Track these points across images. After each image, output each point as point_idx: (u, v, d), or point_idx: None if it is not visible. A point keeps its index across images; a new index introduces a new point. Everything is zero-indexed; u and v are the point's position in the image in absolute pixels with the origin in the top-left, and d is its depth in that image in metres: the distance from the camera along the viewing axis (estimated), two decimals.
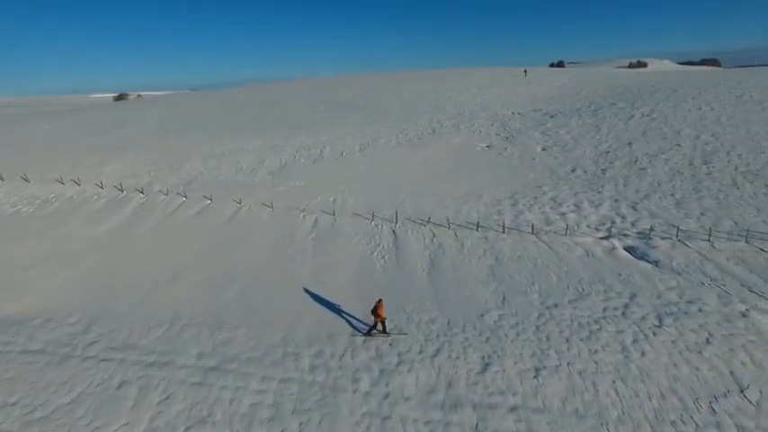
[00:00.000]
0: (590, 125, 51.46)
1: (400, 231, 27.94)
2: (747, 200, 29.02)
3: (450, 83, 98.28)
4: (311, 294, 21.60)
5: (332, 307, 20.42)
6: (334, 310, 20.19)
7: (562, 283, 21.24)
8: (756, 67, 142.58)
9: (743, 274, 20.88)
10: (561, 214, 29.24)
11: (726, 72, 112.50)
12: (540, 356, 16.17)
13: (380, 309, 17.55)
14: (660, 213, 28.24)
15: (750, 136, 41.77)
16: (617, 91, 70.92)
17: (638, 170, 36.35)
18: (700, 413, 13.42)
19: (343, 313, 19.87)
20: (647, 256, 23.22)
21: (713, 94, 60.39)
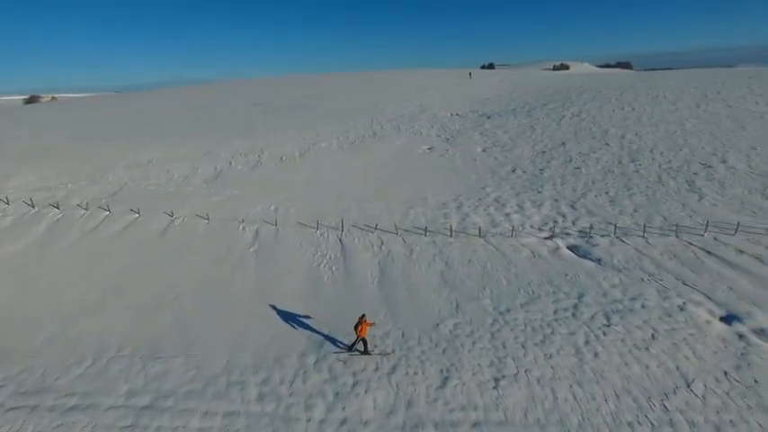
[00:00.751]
0: (525, 125, 53.10)
1: (347, 240, 27.01)
2: (672, 195, 30.81)
3: (387, 84, 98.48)
4: (255, 313, 20.16)
5: (279, 326, 19.13)
6: (281, 329, 18.92)
7: (512, 286, 21.26)
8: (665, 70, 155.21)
9: (676, 268, 21.90)
10: (506, 215, 29.57)
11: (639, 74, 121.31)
12: (497, 365, 15.89)
13: (363, 326, 16.59)
14: (597, 211, 29.29)
15: (668, 134, 44.75)
16: (547, 92, 74.02)
17: (573, 169, 37.72)
18: (653, 412, 13.63)
19: (291, 332, 18.64)
20: (589, 254, 23.85)
21: (632, 95, 64.48)
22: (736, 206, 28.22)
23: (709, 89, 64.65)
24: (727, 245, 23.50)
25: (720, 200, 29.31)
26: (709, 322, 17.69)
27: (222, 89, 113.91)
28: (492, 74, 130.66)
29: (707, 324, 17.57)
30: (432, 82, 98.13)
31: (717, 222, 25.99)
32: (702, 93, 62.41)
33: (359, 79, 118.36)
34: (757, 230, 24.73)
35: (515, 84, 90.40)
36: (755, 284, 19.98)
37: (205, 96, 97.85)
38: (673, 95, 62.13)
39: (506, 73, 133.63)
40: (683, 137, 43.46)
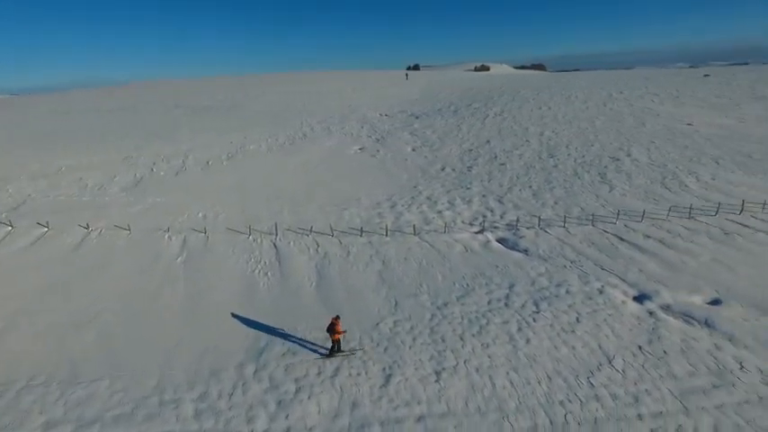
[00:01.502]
0: (452, 125, 54.89)
1: (282, 244, 26.46)
2: (588, 187, 33.28)
3: (315, 85, 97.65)
4: (188, 326, 19.17)
5: (214, 337, 18.33)
6: (216, 340, 18.13)
7: (448, 281, 21.91)
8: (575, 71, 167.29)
9: (594, 254, 23.67)
10: (438, 212, 30.41)
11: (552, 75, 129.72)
12: (438, 359, 16.29)
13: (338, 326, 16.28)
14: (522, 205, 30.95)
15: (581, 131, 48.26)
16: (471, 93, 77.01)
17: (498, 166, 39.55)
18: (581, 389, 14.62)
19: (227, 342, 17.93)
20: (517, 246, 25.14)
21: (548, 95, 68.81)
22: (641, 195, 31.04)
23: (613, 89, 70.52)
24: (636, 231, 25.78)
25: (628, 190, 32.10)
26: (624, 302, 19.30)
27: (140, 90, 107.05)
28: (418, 75, 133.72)
29: (622, 304, 19.15)
30: (360, 83, 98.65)
31: (626, 210, 28.42)
32: (608, 93, 67.94)
33: (287, 80, 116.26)
34: (659, 216, 27.36)
35: (441, 84, 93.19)
36: (661, 266, 22.08)
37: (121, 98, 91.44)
38: (583, 95, 67.06)
39: (432, 74, 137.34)
40: (593, 133, 47.04)
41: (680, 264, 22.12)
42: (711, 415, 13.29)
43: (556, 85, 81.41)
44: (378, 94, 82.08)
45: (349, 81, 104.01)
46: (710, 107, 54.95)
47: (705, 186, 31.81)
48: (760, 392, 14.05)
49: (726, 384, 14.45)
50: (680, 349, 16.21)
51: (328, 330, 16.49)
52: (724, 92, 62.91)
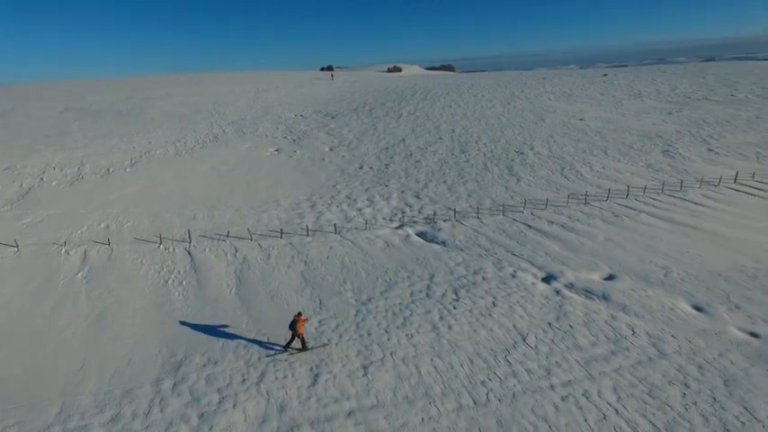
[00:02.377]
0: (368, 124, 55.49)
1: (196, 251, 25.16)
2: (497, 180, 35.33)
3: (226, 86, 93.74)
4: (94, 347, 17.59)
5: (125, 355, 17.01)
6: (128, 358, 16.85)
7: (371, 276, 22.18)
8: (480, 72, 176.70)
9: (506, 242, 25.22)
10: (358, 210, 30.64)
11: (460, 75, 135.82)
12: (365, 353, 16.46)
13: (299, 324, 16.19)
14: (438, 199, 32.13)
15: (489, 127, 51.06)
16: (384, 92, 78.32)
17: (414, 162, 40.69)
18: (500, 367, 15.55)
19: (141, 359, 16.74)
20: (435, 238, 26.06)
21: (457, 94, 71.95)
22: (543, 185, 33.57)
23: (515, 88, 75.39)
24: (541, 218, 27.86)
25: (533, 181, 34.55)
26: (534, 284, 20.81)
27: (23, 93, 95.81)
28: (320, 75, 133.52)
29: (532, 285, 20.63)
30: (273, 84, 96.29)
31: (532, 200, 30.59)
32: (511, 91, 72.53)
33: (195, 81, 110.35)
34: (560, 203, 29.79)
35: (355, 85, 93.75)
36: (563, 248, 24.08)
37: (2, 101, 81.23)
38: (489, 94, 71.00)
39: (346, 74, 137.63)
40: (500, 129, 50.01)
41: (579, 245, 24.27)
42: (611, 378, 14.76)
43: (464, 84, 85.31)
44: (292, 94, 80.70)
45: (261, 82, 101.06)
46: (597, 104, 60.76)
47: (597, 175, 35.15)
48: (649, 353, 15.85)
49: (621, 350, 16.13)
50: (583, 322, 17.81)
51: (291, 327, 16.36)
52: (608, 90, 69.85)
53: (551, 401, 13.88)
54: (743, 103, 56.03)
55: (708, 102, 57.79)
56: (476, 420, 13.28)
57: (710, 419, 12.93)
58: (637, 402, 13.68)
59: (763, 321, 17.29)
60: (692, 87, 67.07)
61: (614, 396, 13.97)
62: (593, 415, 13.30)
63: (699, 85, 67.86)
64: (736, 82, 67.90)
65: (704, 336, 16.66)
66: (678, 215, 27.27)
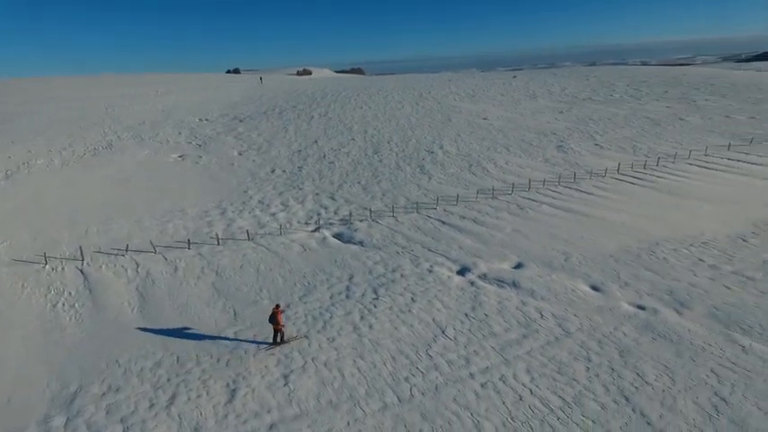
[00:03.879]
0: (279, 127, 54.10)
1: (91, 269, 22.75)
2: (410, 179, 36.09)
3: (120, 89, 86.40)
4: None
5: (2, 394, 14.82)
6: (6, 396, 14.70)
7: (289, 282, 21.51)
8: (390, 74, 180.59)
9: (421, 238, 25.78)
10: (272, 215, 29.66)
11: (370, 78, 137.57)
12: (285, 362, 15.85)
13: (279, 316, 16.19)
14: (353, 199, 32.08)
15: (400, 128, 52.12)
16: (294, 95, 76.97)
17: (328, 164, 40.32)
18: (422, 362, 15.77)
19: (25, 396, 14.68)
20: (353, 239, 25.94)
21: (368, 96, 72.69)
22: (454, 182, 34.88)
23: (423, 90, 77.80)
24: (453, 213, 28.87)
25: (444, 178, 35.76)
26: (450, 277, 21.45)
27: None
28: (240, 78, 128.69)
29: (448, 279, 21.25)
30: (175, 87, 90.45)
31: (444, 196, 31.61)
32: (419, 93, 74.74)
33: (83, 84, 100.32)
34: (470, 199, 31.13)
35: (263, 87, 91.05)
36: (475, 241, 25.13)
37: None
38: (398, 95, 72.56)
39: (255, 77, 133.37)
40: (410, 129, 51.25)
41: (490, 237, 25.47)
42: (524, 360, 15.57)
43: (374, 86, 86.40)
44: (196, 98, 76.36)
45: (161, 84, 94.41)
46: (499, 104, 64.59)
47: (502, 170, 37.25)
48: (556, 334, 16.97)
49: (532, 332, 17.10)
50: (496, 310, 18.64)
51: (270, 321, 16.32)
52: (507, 91, 74.60)
53: (472, 389, 14.31)
54: (619, 102, 62.63)
55: (591, 101, 63.82)
56: (401, 417, 13.30)
57: (610, 388, 14.09)
58: (548, 380, 14.54)
59: (648, 295, 19.27)
60: (578, 89, 73.69)
61: (528, 377, 14.74)
62: (510, 397, 13.91)
63: (583, 87, 74.76)
64: (613, 84, 75.76)
65: (601, 312, 18.19)
66: (573, 204, 29.68)
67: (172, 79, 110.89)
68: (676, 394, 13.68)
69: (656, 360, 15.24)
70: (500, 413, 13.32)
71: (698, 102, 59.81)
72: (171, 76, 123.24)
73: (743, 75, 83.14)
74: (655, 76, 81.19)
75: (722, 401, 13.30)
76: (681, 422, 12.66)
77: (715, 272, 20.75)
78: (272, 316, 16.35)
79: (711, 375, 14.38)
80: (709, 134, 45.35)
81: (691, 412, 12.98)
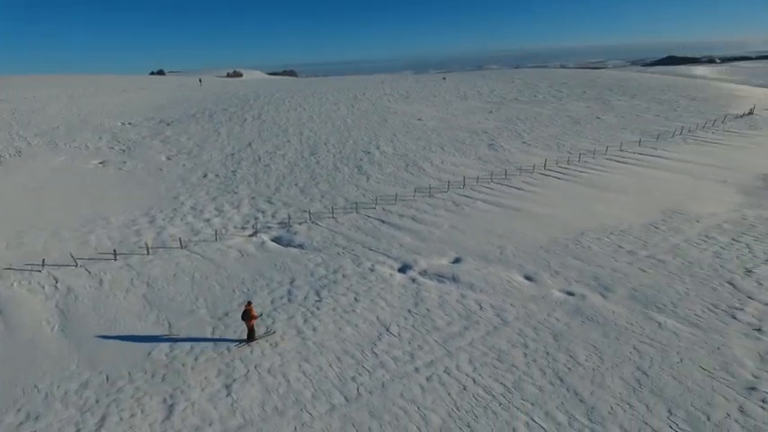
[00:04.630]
0: (210, 130, 52.07)
1: (0, 288, 20.67)
2: (348, 180, 36.08)
3: (28, 92, 79.11)
4: None
5: None
6: None
7: (227, 289, 20.75)
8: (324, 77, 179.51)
9: (362, 238, 25.85)
10: (206, 221, 28.50)
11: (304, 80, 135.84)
12: (226, 372, 15.27)
13: (252, 313, 16.23)
14: (292, 202, 31.56)
15: (336, 129, 51.96)
16: (225, 97, 74.40)
17: (263, 167, 39.36)
18: (368, 360, 15.80)
19: None
20: (292, 242, 25.51)
21: (302, 98, 71.79)
22: (391, 181, 35.31)
23: (358, 92, 78.02)
24: (392, 212, 29.21)
25: (381, 178, 36.09)
26: (392, 275, 21.67)
27: None
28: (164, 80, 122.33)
29: (390, 277, 21.47)
30: (93, 89, 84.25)
31: (382, 196, 31.90)
32: (354, 94, 74.87)
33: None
34: (408, 197, 31.65)
35: (192, 90, 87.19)
36: (415, 238, 25.58)
37: None
38: (333, 97, 72.29)
39: (181, 79, 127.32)
40: (347, 130, 51.23)
41: (428, 234, 26.03)
42: (467, 351, 16.05)
43: (308, 88, 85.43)
44: (117, 100, 71.57)
45: (77, 86, 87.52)
46: (432, 105, 66.19)
47: (437, 169, 38.20)
48: (494, 323, 17.64)
49: (473, 324, 17.67)
50: (438, 304, 19.07)
51: (243, 318, 16.33)
52: (439, 92, 76.63)
53: (417, 383, 14.54)
54: (543, 102, 66.33)
55: (518, 102, 67.08)
56: (349, 417, 13.25)
57: (546, 371, 14.87)
58: (489, 369, 15.09)
59: (576, 282, 20.55)
60: (505, 90, 77.15)
61: (471, 367, 15.21)
62: (454, 388, 14.28)
63: (510, 88, 78.39)
64: (536, 85, 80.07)
65: (535, 300, 19.15)
66: (505, 200, 31.03)
67: (89, 81, 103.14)
68: (604, 372, 14.69)
69: (586, 341, 16.28)
70: (445, 404, 13.64)
71: (612, 102, 64.68)
72: (88, 78, 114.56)
73: (649, 77, 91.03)
74: (573, 78, 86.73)
75: (644, 375, 14.45)
76: (609, 397, 13.60)
77: (633, 257, 22.51)
78: (245, 313, 16.34)
79: (634, 352, 15.58)
80: (623, 131, 49.20)
81: (617, 387, 13.98)
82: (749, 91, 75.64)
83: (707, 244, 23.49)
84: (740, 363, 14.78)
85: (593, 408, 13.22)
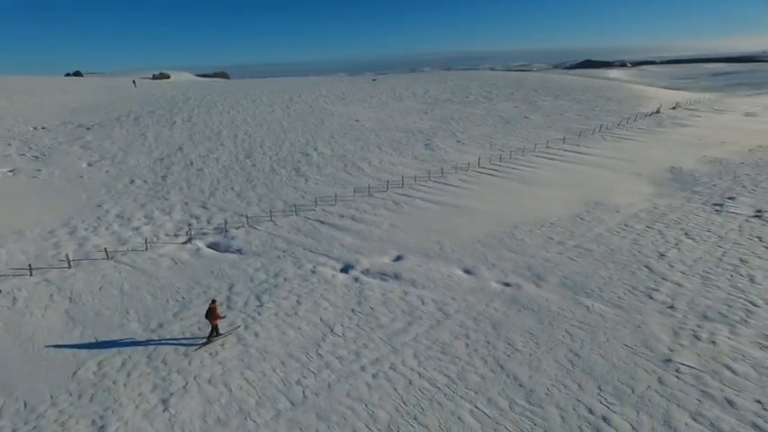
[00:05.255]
0: (136, 134, 49.20)
1: None
2: (286, 182, 35.46)
3: None
4: None
5: None
6: None
7: (160, 300, 19.68)
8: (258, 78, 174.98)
9: (302, 240, 25.50)
10: (135, 229, 26.89)
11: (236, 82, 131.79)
12: (163, 386, 14.49)
13: (216, 311, 16.34)
14: (228, 207, 30.52)
15: (272, 131, 50.91)
16: (151, 99, 70.61)
17: (196, 171, 37.76)
18: (313, 362, 15.61)
19: None
20: (230, 247, 24.67)
21: (235, 100, 69.68)
22: (330, 182, 35.13)
23: (293, 93, 76.91)
24: (332, 213, 29.06)
25: (320, 179, 35.79)
26: (334, 276, 21.56)
27: None
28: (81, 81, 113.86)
29: (333, 278, 21.34)
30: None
31: (322, 197, 31.65)
32: (289, 96, 73.73)
33: None
34: (348, 198, 31.62)
35: (113, 92, 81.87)
36: (356, 238, 25.60)
37: None
38: (268, 99, 70.75)
39: (101, 81, 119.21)
40: (283, 133, 50.33)
41: (369, 234, 26.15)
42: (411, 346, 16.29)
43: (241, 90, 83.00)
44: (28, 103, 65.66)
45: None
46: (369, 106, 66.59)
47: (376, 169, 38.48)
48: (437, 317, 18.05)
49: (416, 319, 17.96)
50: (381, 302, 19.22)
51: (207, 316, 16.30)
52: (375, 93, 77.25)
53: (364, 381, 14.57)
54: (475, 103, 68.78)
55: (451, 102, 69.07)
56: (295, 421, 13.02)
57: (487, 359, 15.43)
58: (434, 362, 15.41)
59: (511, 273, 21.48)
60: (438, 91, 79.16)
61: (416, 361, 15.45)
62: (400, 383, 14.45)
63: (443, 90, 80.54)
64: (468, 87, 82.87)
65: (474, 293, 19.80)
66: (443, 197, 31.84)
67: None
68: (540, 356, 15.48)
69: (523, 329, 17.06)
70: (392, 400, 13.77)
71: (537, 102, 68.28)
72: None
73: (570, 79, 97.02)
74: (502, 79, 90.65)
75: (576, 356, 15.38)
76: (545, 379, 14.35)
77: (562, 247, 23.88)
78: (209, 311, 16.33)
79: (566, 335, 16.54)
80: (549, 129, 52.09)
81: (552, 369, 14.78)
82: (655, 92, 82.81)
83: (626, 232, 25.41)
84: (657, 338, 16.12)
85: (532, 391, 13.89)
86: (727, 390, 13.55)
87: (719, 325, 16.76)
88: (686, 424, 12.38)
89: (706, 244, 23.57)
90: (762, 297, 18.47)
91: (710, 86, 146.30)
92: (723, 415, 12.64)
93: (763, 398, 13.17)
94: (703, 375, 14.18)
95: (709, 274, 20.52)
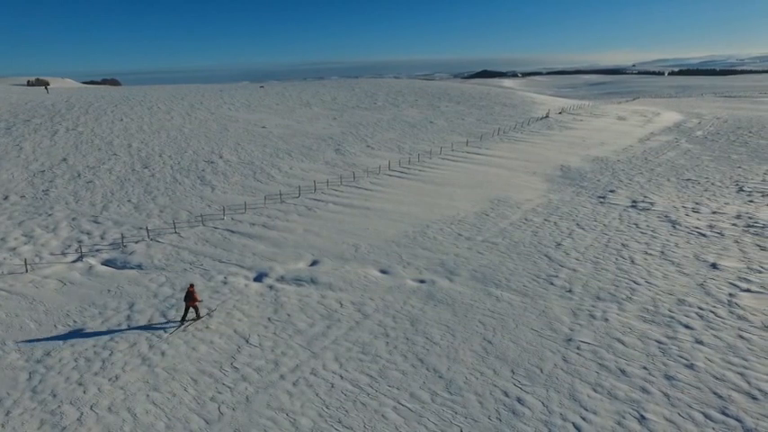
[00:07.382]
0: (9, 144, 43.55)
1: None
2: (190, 191, 33.45)
3: None
4: None
5: None
6: None
7: (46, 326, 17.48)
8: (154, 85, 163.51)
9: (211, 251, 24.18)
10: (11, 250, 23.71)
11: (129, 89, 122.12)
12: (52, 420, 12.82)
13: (195, 294, 17.15)
14: (124, 220, 28.05)
15: (172, 139, 47.83)
16: (27, 107, 63.03)
17: (85, 184, 34.27)
18: (228, 376, 14.75)
19: None
20: (128, 263, 22.66)
21: (128, 107, 64.53)
22: (239, 190, 33.77)
23: (194, 100, 72.98)
24: (243, 221, 27.92)
25: (228, 188, 34.26)
26: (247, 285, 20.68)
27: None
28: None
29: (246, 287, 20.46)
30: None
31: (230, 206, 30.30)
32: (190, 103, 69.82)
33: None
34: (259, 205, 30.59)
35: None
36: (269, 245, 24.82)
37: None
38: (166, 106, 66.41)
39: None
40: (184, 140, 47.47)
41: (283, 240, 25.49)
42: (331, 350, 16.08)
43: (134, 97, 76.95)
44: None
45: None
46: (275, 113, 65.17)
47: (286, 175, 37.69)
48: (356, 318, 18.02)
49: (335, 322, 17.78)
50: (299, 308, 18.77)
51: (186, 299, 17.03)
52: (282, 100, 75.87)
53: (284, 390, 14.08)
54: (382, 109, 70.28)
55: (359, 109, 69.91)
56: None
57: (408, 355, 15.69)
58: (355, 363, 15.33)
59: (425, 270, 22.13)
60: (346, 98, 79.75)
61: (337, 364, 15.27)
62: (322, 388, 14.17)
63: (351, 96, 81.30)
64: (375, 94, 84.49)
65: (392, 292, 20.09)
66: (356, 200, 32.01)
67: None
68: (457, 347, 16.06)
69: (439, 322, 17.61)
70: (315, 405, 13.46)
71: (441, 108, 71.48)
72: None
73: (469, 87, 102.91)
74: (406, 87, 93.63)
75: (489, 344, 16.18)
76: (463, 369, 14.91)
77: (471, 242, 25.11)
78: (188, 295, 17.11)
79: (479, 325, 17.35)
80: (452, 133, 54.72)
81: (469, 358, 15.41)
82: (543, 99, 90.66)
83: (526, 225, 27.37)
84: (559, 320, 17.50)
85: (451, 381, 14.34)
86: (619, 360, 15.06)
87: (610, 303, 18.62)
88: (588, 395, 13.53)
89: (594, 232, 26.13)
90: (641, 276, 20.85)
91: (588, 95, 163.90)
92: (618, 383, 14.01)
93: (648, 364, 14.84)
94: (599, 350, 15.62)
95: (598, 258, 22.76)
